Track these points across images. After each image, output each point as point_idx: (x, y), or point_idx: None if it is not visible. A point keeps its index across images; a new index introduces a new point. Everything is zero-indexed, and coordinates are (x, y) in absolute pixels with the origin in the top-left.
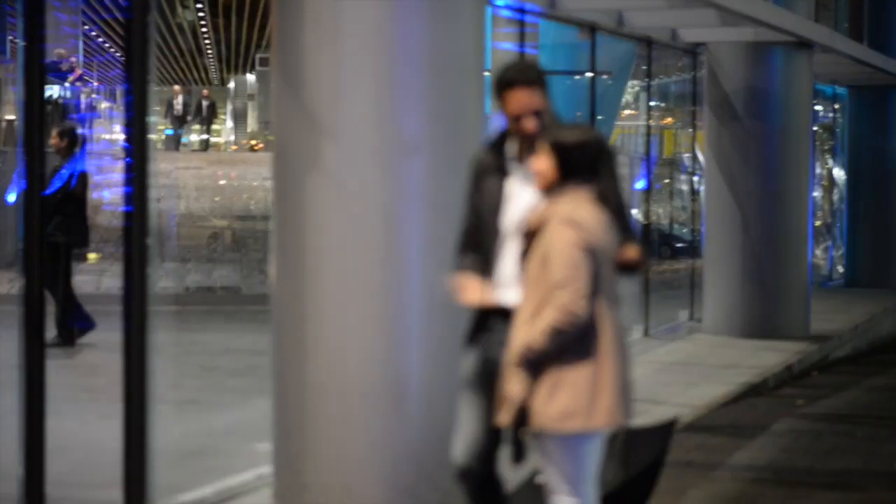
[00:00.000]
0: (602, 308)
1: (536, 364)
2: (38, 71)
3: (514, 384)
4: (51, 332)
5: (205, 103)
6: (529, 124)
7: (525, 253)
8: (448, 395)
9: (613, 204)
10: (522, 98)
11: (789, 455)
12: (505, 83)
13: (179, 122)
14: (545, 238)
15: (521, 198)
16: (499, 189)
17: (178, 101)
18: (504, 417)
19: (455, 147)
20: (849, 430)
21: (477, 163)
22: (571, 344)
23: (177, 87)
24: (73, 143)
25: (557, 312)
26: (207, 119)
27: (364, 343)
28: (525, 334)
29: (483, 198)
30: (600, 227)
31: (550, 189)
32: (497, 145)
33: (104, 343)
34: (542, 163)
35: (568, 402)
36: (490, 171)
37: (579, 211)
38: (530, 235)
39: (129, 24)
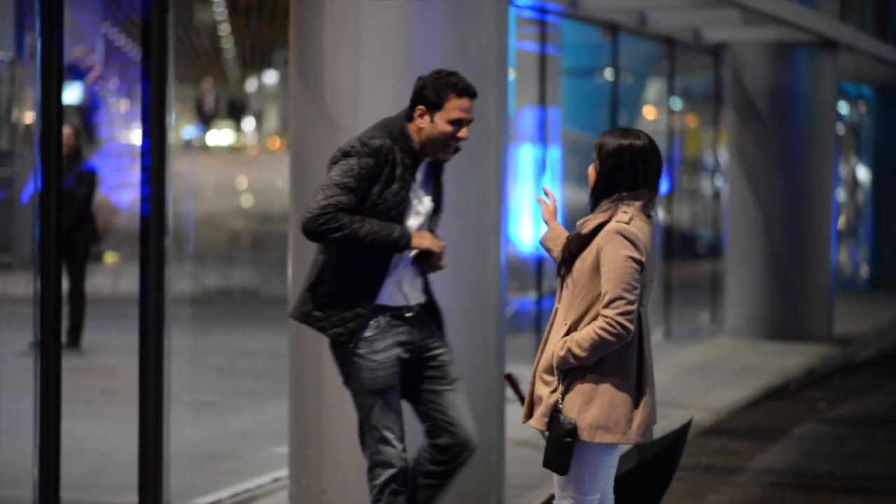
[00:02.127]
0: (644, 321)
1: (570, 372)
2: (55, 71)
3: (546, 388)
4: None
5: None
6: (466, 133)
7: (569, 256)
8: (467, 397)
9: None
10: (468, 107)
11: (811, 459)
12: (462, 89)
13: (209, 119)
14: (601, 248)
15: (418, 210)
16: (404, 195)
17: (210, 98)
18: (536, 421)
19: (475, 148)
20: (872, 435)
21: (384, 151)
22: (613, 356)
23: (206, 82)
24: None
25: (608, 327)
26: (236, 117)
27: None
28: (565, 340)
29: (384, 194)
30: (650, 237)
31: (595, 195)
32: (402, 141)
33: (121, 345)
34: (591, 167)
35: (604, 414)
36: (395, 167)
37: (636, 223)
38: (579, 240)
39: (146, 25)
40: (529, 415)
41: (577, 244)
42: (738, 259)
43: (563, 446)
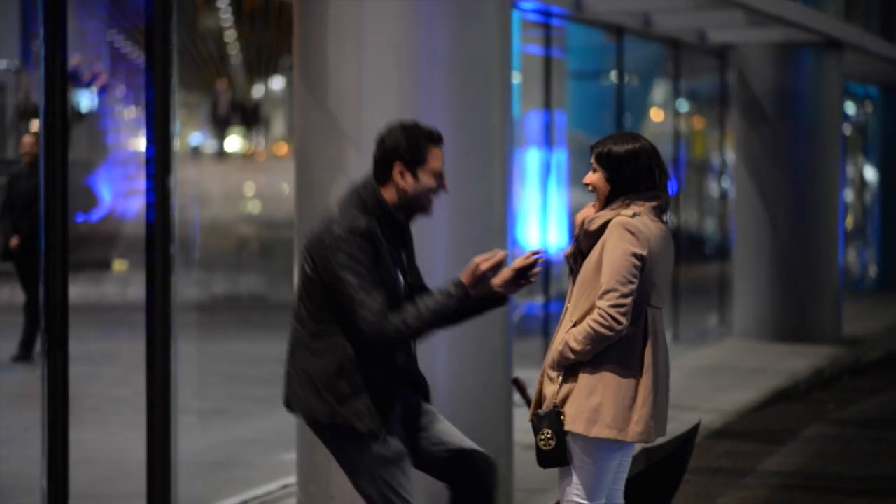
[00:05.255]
0: (654, 320)
1: (573, 367)
2: (59, 78)
3: (552, 386)
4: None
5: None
6: (446, 182)
7: (579, 253)
8: (475, 402)
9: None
10: (442, 157)
11: (820, 461)
12: (437, 137)
13: (224, 123)
14: (605, 242)
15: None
16: (395, 272)
17: (224, 102)
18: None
19: (480, 152)
20: (881, 436)
21: (371, 231)
22: (617, 353)
23: (221, 85)
24: None
25: (600, 319)
26: (250, 121)
27: None
28: (564, 336)
29: (386, 271)
30: (659, 237)
31: (605, 203)
32: (380, 210)
33: (129, 353)
34: (593, 177)
35: (603, 409)
36: (380, 246)
37: (642, 220)
38: (587, 237)
39: (150, 31)
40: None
41: (586, 242)
42: (746, 260)
43: (561, 439)
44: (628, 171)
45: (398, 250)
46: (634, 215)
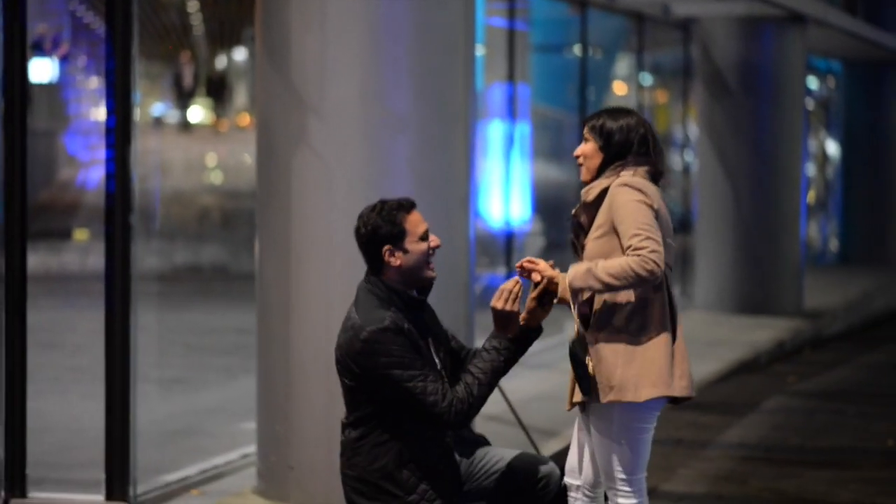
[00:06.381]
0: (668, 279)
1: (606, 329)
2: (19, 48)
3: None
4: None
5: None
6: (436, 239)
7: (579, 227)
8: None
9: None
10: (421, 219)
11: (781, 433)
12: (408, 204)
13: (187, 95)
14: (612, 205)
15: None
16: (430, 357)
17: (187, 72)
18: (578, 395)
19: (443, 124)
20: (841, 408)
21: (399, 324)
22: (645, 316)
23: (184, 56)
24: None
25: (643, 262)
26: (213, 92)
27: None
28: (588, 266)
29: (424, 357)
30: (660, 196)
31: (595, 175)
32: (395, 298)
33: (89, 322)
34: (585, 147)
35: (644, 371)
36: (410, 330)
37: (638, 179)
38: (585, 208)
39: (110, 1)
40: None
41: (585, 213)
42: (708, 233)
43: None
44: (622, 140)
45: (426, 333)
46: (633, 176)
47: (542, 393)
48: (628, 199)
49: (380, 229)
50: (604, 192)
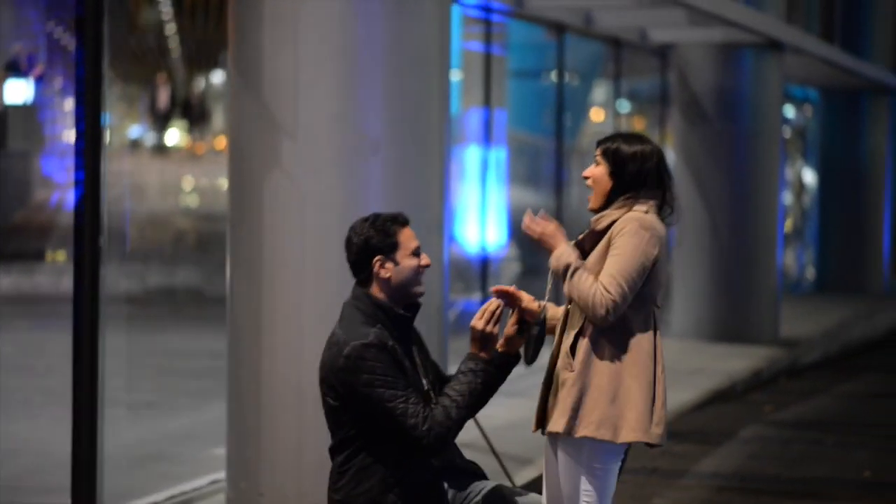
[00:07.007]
0: (657, 320)
1: (590, 369)
2: None
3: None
4: None
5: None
6: (427, 258)
7: (582, 254)
8: None
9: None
10: (414, 235)
11: (757, 462)
12: (402, 220)
13: (164, 119)
14: (613, 236)
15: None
16: (417, 377)
17: (163, 95)
18: (554, 424)
19: (417, 147)
20: (818, 438)
21: (384, 341)
22: (632, 355)
23: (161, 78)
24: None
25: (605, 298)
26: (190, 115)
27: (321, 347)
28: (571, 262)
29: (409, 377)
30: (666, 236)
31: (605, 200)
32: (382, 315)
33: (60, 344)
34: (595, 170)
35: (625, 412)
36: (394, 348)
37: (651, 218)
38: (592, 236)
39: (81, 22)
40: (540, 423)
41: (590, 241)
42: (685, 261)
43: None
44: (634, 170)
45: (410, 350)
46: (647, 212)
47: (515, 420)
48: (632, 241)
49: (372, 239)
50: (613, 222)
